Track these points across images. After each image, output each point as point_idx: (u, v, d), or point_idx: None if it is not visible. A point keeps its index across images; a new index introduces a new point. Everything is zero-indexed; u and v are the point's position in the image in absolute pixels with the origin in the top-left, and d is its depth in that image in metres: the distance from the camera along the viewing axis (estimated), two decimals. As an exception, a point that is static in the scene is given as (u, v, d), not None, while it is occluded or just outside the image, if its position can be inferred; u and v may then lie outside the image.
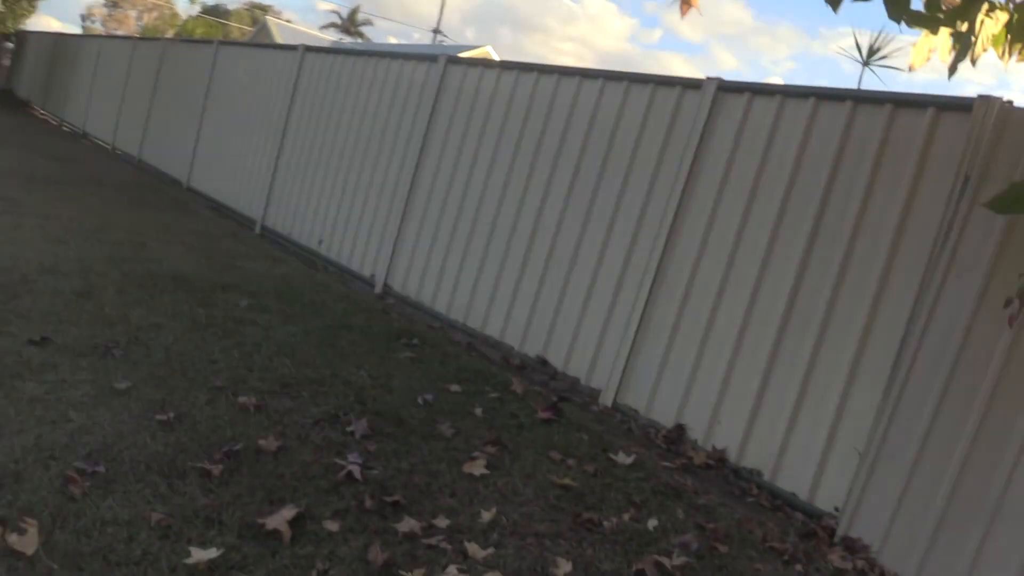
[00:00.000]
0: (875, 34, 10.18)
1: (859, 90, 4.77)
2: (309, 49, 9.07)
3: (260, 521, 2.71)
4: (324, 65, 8.69)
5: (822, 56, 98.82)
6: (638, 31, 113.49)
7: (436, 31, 41.17)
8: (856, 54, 10.16)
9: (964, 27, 2.98)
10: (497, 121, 6.43)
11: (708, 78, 5.02)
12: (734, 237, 4.68)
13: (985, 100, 3.68)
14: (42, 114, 19.78)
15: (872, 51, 9.58)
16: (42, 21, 71.12)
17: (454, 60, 7.11)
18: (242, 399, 3.75)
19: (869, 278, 4.03)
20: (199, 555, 2.45)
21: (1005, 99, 3.63)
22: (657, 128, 5.26)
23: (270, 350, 4.64)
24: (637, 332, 5.07)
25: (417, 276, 6.92)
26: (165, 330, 4.62)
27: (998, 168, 3.57)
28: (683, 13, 3.22)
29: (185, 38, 18.79)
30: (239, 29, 52.77)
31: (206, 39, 11.58)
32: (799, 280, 4.32)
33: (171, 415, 3.43)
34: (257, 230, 9.13)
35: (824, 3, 2.95)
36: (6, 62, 25.73)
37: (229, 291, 5.82)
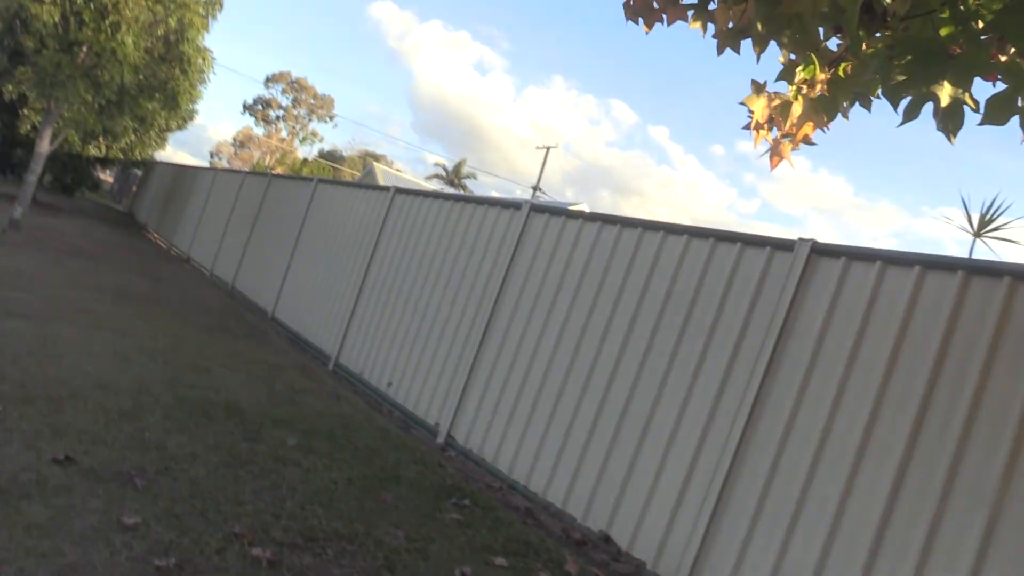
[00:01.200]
0: (986, 204, 9.63)
1: (972, 259, 4.30)
2: (399, 191, 9.17)
3: None
4: (411, 207, 8.73)
5: (925, 236, 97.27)
6: (735, 200, 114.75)
7: (536, 188, 42.34)
8: (966, 224, 9.60)
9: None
10: (575, 274, 6.17)
11: (801, 239, 4.66)
12: (827, 414, 4.15)
13: None
14: (155, 238, 20.81)
15: (984, 222, 9.04)
16: (176, 155, 77.08)
17: (537, 208, 6.98)
18: (256, 551, 3.36)
19: (990, 472, 3.43)
20: None
21: None
22: (743, 290, 4.87)
23: (305, 496, 4.27)
24: (713, 514, 4.49)
25: (481, 429, 6.52)
26: (199, 462, 4.32)
27: None
28: (773, 165, 2.96)
29: (288, 174, 19.66)
30: (351, 174, 55.74)
31: (306, 176, 11.97)
32: (903, 467, 3.74)
33: (172, 562, 3.06)
34: (330, 366, 8.98)
35: (925, 182, 2.60)
36: (133, 188, 27.51)
37: (280, 427, 5.54)
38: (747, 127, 3.18)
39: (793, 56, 3.02)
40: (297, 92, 66.79)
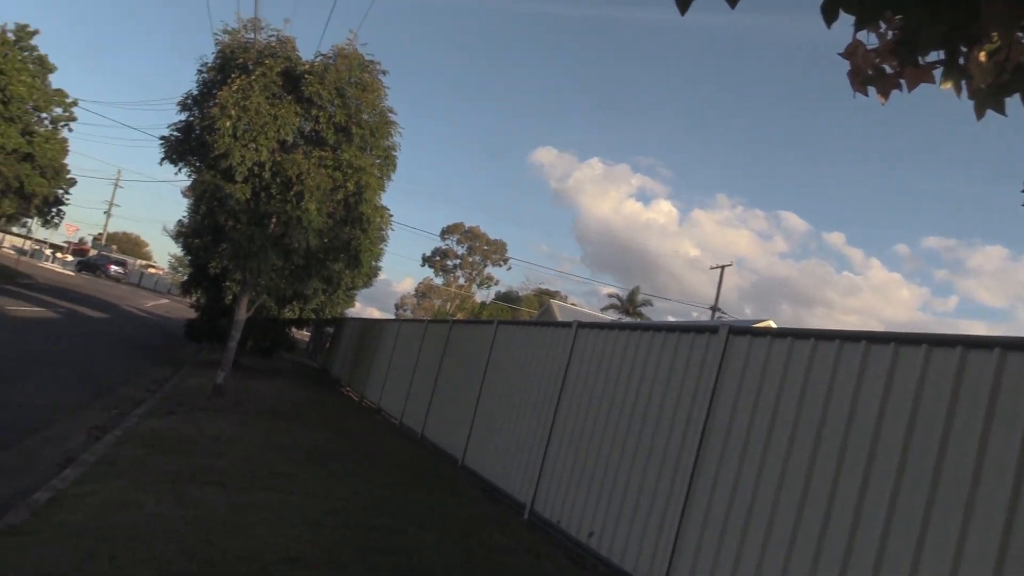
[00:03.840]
0: None
1: None
2: (582, 325, 8.72)
3: None
4: (596, 340, 8.24)
5: None
6: (929, 299, 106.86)
7: (714, 308, 41.01)
8: None
9: None
10: (792, 398, 5.37)
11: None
12: None
13: None
14: (347, 391, 21.43)
15: None
16: (365, 310, 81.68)
17: (737, 330, 6.27)
18: None
19: None
20: None
21: None
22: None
23: None
24: None
25: (702, 584, 5.65)
26: (393, 650, 3.80)
27: None
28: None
29: (468, 319, 19.85)
30: (528, 313, 56.58)
31: (487, 319, 11.84)
32: None
33: None
34: (525, 515, 8.39)
35: None
36: (327, 344, 28.92)
37: (478, 596, 4.97)
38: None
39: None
40: (471, 240, 69.84)
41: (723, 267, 41.36)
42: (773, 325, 27.99)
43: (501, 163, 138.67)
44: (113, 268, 66.42)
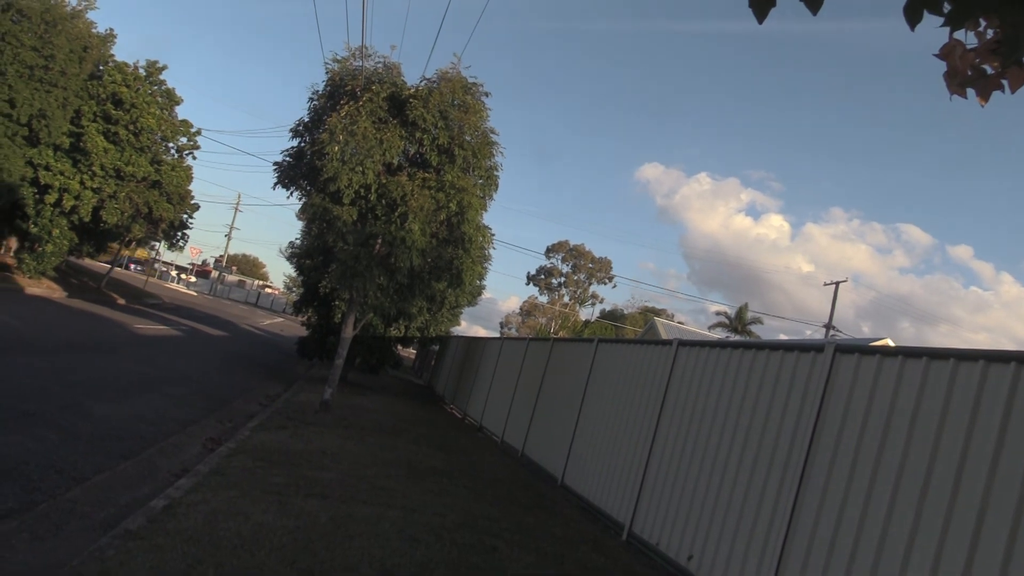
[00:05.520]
0: None
1: None
2: (683, 343, 8.58)
3: None
4: (697, 359, 8.09)
5: None
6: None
7: (828, 326, 39.57)
8: None
9: None
10: (902, 421, 5.12)
11: None
12: None
13: None
14: (450, 408, 21.72)
15: None
16: (471, 329, 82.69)
17: (844, 348, 6.04)
18: None
19: None
20: None
21: None
22: None
23: None
24: None
25: (806, 614, 5.44)
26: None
27: None
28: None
29: (569, 337, 19.80)
30: (633, 331, 56.01)
31: (587, 337, 11.79)
32: None
33: None
34: (623, 536, 8.29)
35: None
36: (431, 362, 29.40)
37: (571, 616, 4.93)
38: None
39: None
40: (576, 259, 69.87)
41: (838, 283, 39.97)
42: (891, 344, 26.82)
43: (606, 179, 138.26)
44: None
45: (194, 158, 41.49)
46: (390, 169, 13.58)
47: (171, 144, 32.39)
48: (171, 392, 12.49)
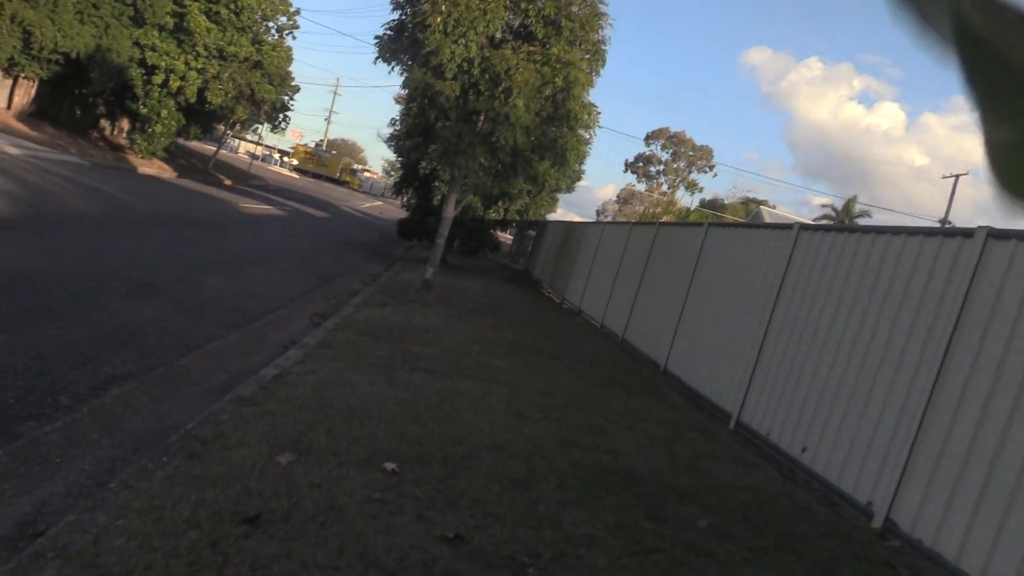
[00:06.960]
0: None
1: None
2: (804, 227, 8.03)
3: None
4: (821, 244, 7.54)
5: None
6: None
7: (943, 221, 37.37)
8: None
9: None
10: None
11: None
12: None
13: None
14: (548, 293, 21.64)
15: None
16: (566, 216, 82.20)
17: (998, 234, 5.42)
18: None
19: None
20: None
21: None
22: None
23: (727, 603, 3.39)
24: None
25: (936, 513, 5.08)
26: (598, 547, 3.66)
27: None
28: None
29: (676, 221, 19.21)
30: (734, 221, 54.42)
31: (696, 222, 11.29)
32: None
33: None
34: (731, 425, 8.04)
35: None
36: (529, 247, 29.28)
37: (686, 502, 4.74)
38: None
39: None
40: (676, 146, 67.71)
41: (957, 176, 37.44)
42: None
43: (710, 63, 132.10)
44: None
45: (294, 38, 41.38)
46: (493, 42, 13.01)
47: (271, 23, 32.23)
48: (277, 268, 12.71)
